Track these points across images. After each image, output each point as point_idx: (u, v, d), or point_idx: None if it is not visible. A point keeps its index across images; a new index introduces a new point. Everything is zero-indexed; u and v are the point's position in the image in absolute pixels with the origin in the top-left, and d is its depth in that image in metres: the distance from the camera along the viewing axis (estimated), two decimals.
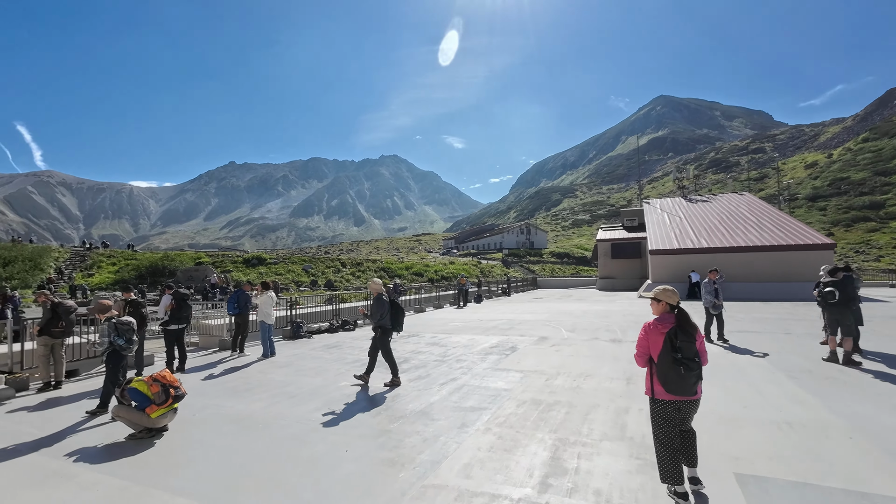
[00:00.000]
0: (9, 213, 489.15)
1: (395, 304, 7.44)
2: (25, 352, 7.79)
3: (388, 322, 7.28)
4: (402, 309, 7.57)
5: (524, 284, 39.97)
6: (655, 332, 3.58)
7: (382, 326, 7.24)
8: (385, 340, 7.25)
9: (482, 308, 21.50)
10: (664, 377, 3.44)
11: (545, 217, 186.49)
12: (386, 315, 7.24)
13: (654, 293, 3.74)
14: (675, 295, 3.66)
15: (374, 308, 7.22)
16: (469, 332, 13.02)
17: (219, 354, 10.32)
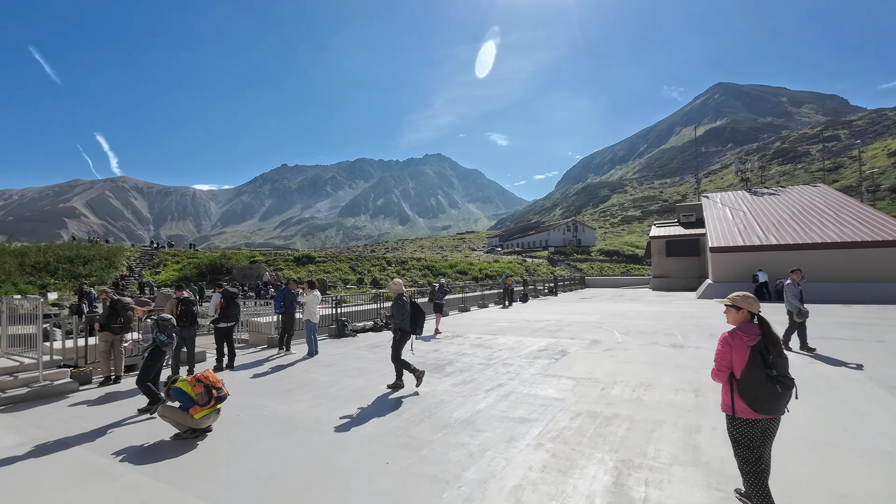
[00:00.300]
0: (91, 216, 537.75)
1: (416, 306, 7.14)
2: (89, 347, 8.18)
3: (408, 324, 6.99)
4: (422, 311, 7.26)
5: (571, 283, 38.66)
6: (740, 344, 3.11)
7: (402, 328, 6.96)
8: (402, 343, 6.99)
9: (528, 308, 20.84)
10: (753, 395, 3.01)
11: (593, 214, 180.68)
12: (406, 317, 6.95)
13: (733, 300, 3.30)
14: (757, 302, 3.26)
15: (394, 310, 6.94)
16: (515, 333, 12.52)
17: (267, 352, 10.47)
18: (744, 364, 3.05)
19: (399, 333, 6.97)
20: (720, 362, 3.20)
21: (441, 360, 9.00)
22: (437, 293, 13.88)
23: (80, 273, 41.02)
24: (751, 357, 3.03)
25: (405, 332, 6.98)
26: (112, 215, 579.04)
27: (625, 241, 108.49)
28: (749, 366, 3.03)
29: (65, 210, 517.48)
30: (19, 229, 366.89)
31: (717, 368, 3.21)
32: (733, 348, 3.13)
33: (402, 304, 6.92)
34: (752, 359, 3.02)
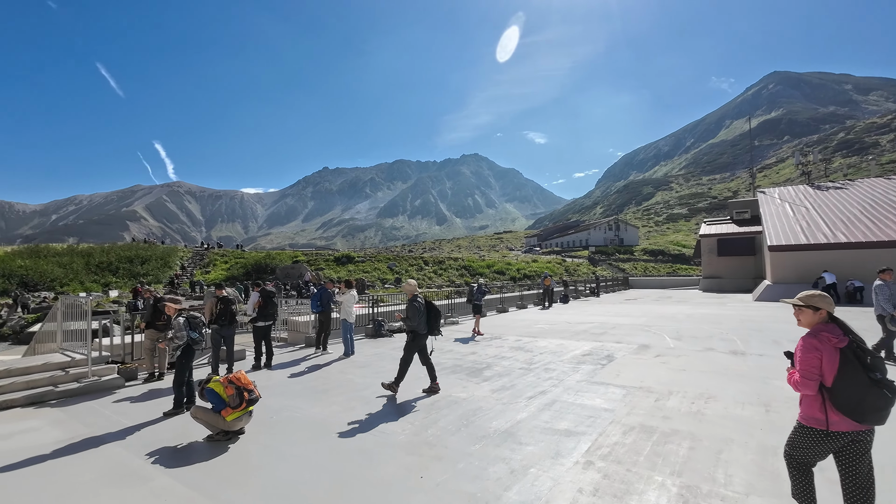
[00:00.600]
0: (150, 219, 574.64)
1: (432, 307, 6.82)
2: (135, 344, 8.42)
3: (424, 326, 6.68)
4: (438, 312, 6.93)
5: (614, 284, 37.21)
6: (829, 348, 2.71)
7: (415, 331, 6.67)
8: (414, 346, 6.69)
9: (569, 309, 20.08)
10: (854, 403, 2.63)
11: (635, 212, 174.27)
12: (422, 318, 6.65)
13: (809, 300, 2.90)
14: (832, 302, 2.90)
15: (409, 311, 6.66)
16: (557, 335, 11.96)
17: (304, 351, 10.48)
18: (835, 370, 2.67)
19: (412, 335, 6.71)
20: (807, 370, 2.74)
21: (479, 363, 8.64)
22: (476, 293, 13.32)
23: (139, 272, 43.60)
24: (843, 361, 2.66)
25: (419, 335, 6.70)
26: (168, 218, 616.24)
27: (670, 239, 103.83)
28: (844, 371, 2.65)
29: (127, 214, 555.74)
30: (88, 231, 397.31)
31: (804, 377, 2.76)
32: (822, 353, 2.69)
33: (418, 305, 6.65)
34: (846, 363, 2.65)
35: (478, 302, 13.23)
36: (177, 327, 5.79)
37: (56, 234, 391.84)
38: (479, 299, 13.26)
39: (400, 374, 6.64)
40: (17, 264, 36.26)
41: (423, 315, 6.65)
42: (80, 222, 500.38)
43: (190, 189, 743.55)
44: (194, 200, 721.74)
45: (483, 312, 13.10)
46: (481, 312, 13.13)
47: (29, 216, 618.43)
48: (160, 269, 45.66)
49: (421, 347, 6.77)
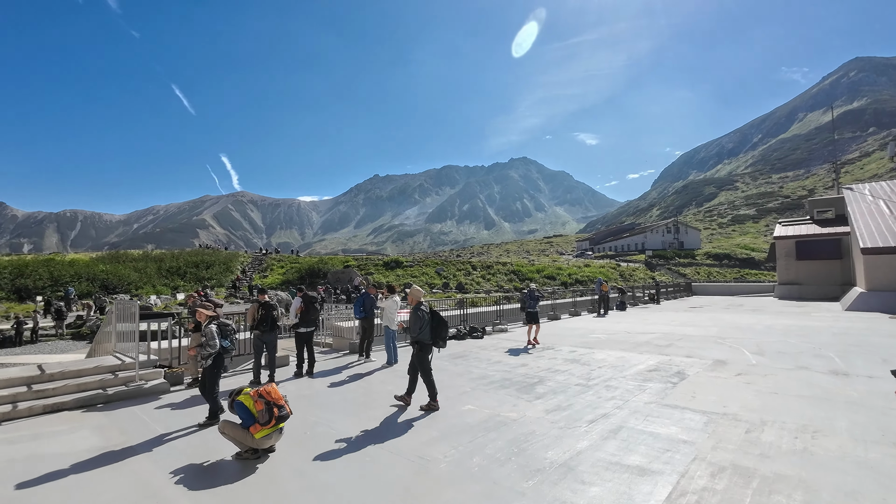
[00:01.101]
0: (216, 226, 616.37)
1: (437, 316, 6.30)
2: (183, 348, 8.47)
3: (428, 336, 6.14)
4: (444, 321, 6.38)
5: (676, 290, 34.71)
6: None
7: (420, 342, 6.13)
8: (423, 358, 6.17)
9: (627, 317, 18.69)
10: None
11: (696, 214, 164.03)
12: (425, 328, 6.14)
13: None
14: None
15: (412, 320, 6.17)
16: (616, 347, 10.93)
17: (347, 358, 10.20)
18: None
19: (418, 347, 6.19)
20: None
21: (530, 377, 7.90)
22: (528, 300, 12.11)
23: (204, 276, 46.27)
24: None
25: (425, 346, 6.18)
26: (233, 225, 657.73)
27: (736, 242, 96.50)
28: None
29: (197, 222, 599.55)
30: (163, 239, 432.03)
31: None
32: None
33: (421, 313, 6.17)
34: None
35: (531, 309, 12.01)
36: (208, 335, 5.57)
37: (137, 241, 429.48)
38: (533, 306, 12.02)
39: (430, 391, 6.16)
40: (99, 269, 39.54)
41: (427, 325, 6.18)
42: (157, 230, 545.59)
43: (252, 198, 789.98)
44: (256, 209, 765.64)
45: (538, 320, 11.88)
46: (537, 320, 11.95)
47: (114, 225, 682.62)
48: (223, 273, 48.25)
49: (421, 360, 6.29)
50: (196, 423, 5.64)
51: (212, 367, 5.62)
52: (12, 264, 37.35)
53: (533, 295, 12.18)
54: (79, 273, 37.43)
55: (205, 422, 5.57)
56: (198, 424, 5.57)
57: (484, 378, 7.85)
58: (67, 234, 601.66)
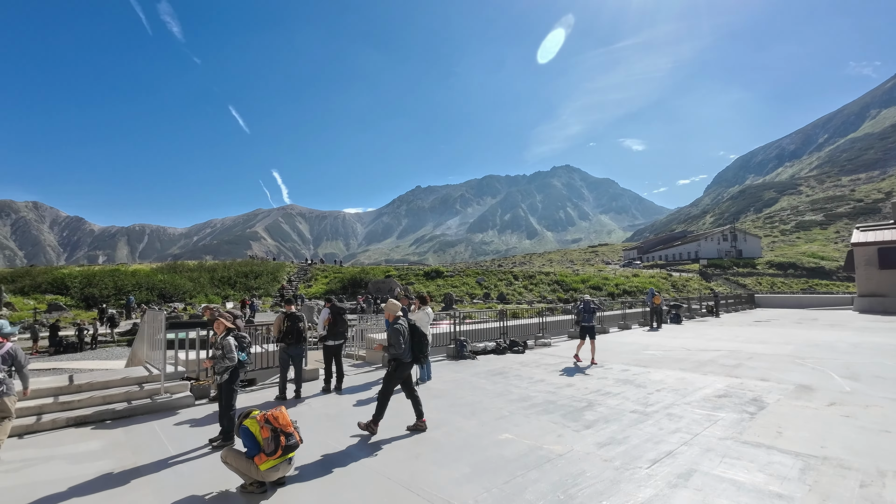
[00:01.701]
0: (268, 238, 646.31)
1: (417, 331, 5.75)
2: None
3: (408, 354, 5.62)
4: (425, 336, 5.77)
5: (736, 302, 32.02)
6: None
7: (398, 359, 5.61)
8: (396, 377, 5.67)
9: (683, 331, 17.13)
10: None
11: (755, 220, 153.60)
12: (406, 345, 5.55)
13: None
14: None
15: (391, 336, 5.57)
16: (675, 366, 9.76)
17: (379, 372, 9.68)
18: None
19: (394, 364, 5.61)
20: None
21: (577, 400, 7.02)
22: (584, 312, 10.53)
23: (252, 285, 47.96)
24: None
25: (402, 364, 5.60)
26: (283, 237, 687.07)
27: (802, 250, 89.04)
28: None
29: (250, 234, 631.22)
30: (220, 250, 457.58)
31: None
32: None
33: (399, 328, 5.57)
34: None
35: (587, 323, 10.46)
36: (226, 348, 5.18)
37: (197, 252, 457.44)
38: (590, 319, 10.48)
39: (378, 412, 5.59)
40: (158, 279, 41.81)
41: (407, 340, 5.62)
42: (214, 242, 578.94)
43: (301, 211, 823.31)
44: (304, 221, 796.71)
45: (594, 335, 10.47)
46: (593, 335, 10.51)
47: (177, 238, 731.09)
48: (269, 283, 49.83)
49: (405, 379, 5.76)
50: (204, 443, 5.26)
51: (229, 381, 5.24)
52: (82, 274, 40.19)
53: (589, 307, 10.64)
54: (139, 283, 39.70)
55: (219, 443, 5.17)
56: (211, 446, 5.17)
57: (525, 400, 7.06)
58: (136, 247, 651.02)
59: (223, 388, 5.22)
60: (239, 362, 5.23)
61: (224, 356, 5.15)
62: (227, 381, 5.21)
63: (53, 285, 37.30)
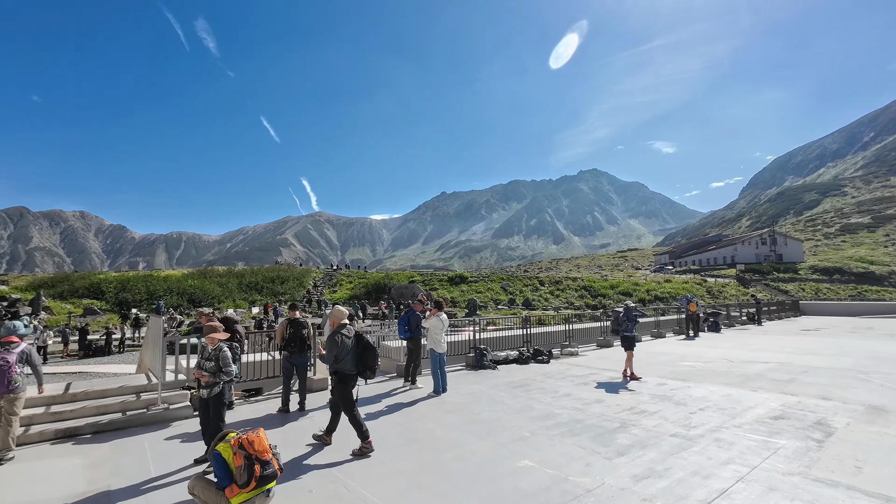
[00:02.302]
0: (297, 244, 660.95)
1: (363, 341, 5.23)
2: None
3: (350, 365, 5.08)
4: (372, 348, 5.25)
5: (780, 309, 30.01)
6: None
7: (340, 372, 5.06)
8: (344, 391, 5.09)
9: (723, 340, 15.86)
10: None
11: (795, 223, 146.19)
12: (346, 357, 5.06)
13: None
14: None
15: (329, 346, 5.01)
16: (718, 380, 8.77)
17: (392, 383, 9.09)
18: None
19: (336, 378, 5.01)
20: None
21: (608, 419, 6.23)
22: (625, 321, 9.48)
23: (279, 291, 48.53)
24: None
25: (346, 376, 5.09)
26: (311, 244, 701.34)
27: (848, 255, 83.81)
28: None
29: (280, 241, 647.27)
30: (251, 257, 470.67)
31: None
32: None
33: (339, 339, 4.99)
34: None
35: (628, 332, 9.41)
36: (223, 360, 4.70)
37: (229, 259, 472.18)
38: (631, 329, 9.41)
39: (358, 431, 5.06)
40: (188, 284, 42.75)
41: (350, 352, 5.04)
42: (246, 249, 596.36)
43: (329, 218, 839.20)
44: (332, 227, 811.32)
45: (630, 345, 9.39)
46: (632, 347, 9.40)
47: (211, 245, 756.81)
48: (295, 288, 50.30)
49: (342, 394, 5.13)
50: (189, 462, 4.78)
51: (220, 396, 4.75)
52: (117, 280, 41.52)
53: (631, 314, 9.48)
54: (171, 288, 40.65)
55: (205, 467, 4.68)
56: (195, 460, 4.69)
57: (549, 418, 6.31)
58: (174, 253, 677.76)
59: (213, 403, 4.73)
60: (232, 374, 4.75)
61: (220, 369, 4.67)
62: (218, 395, 4.72)
63: (90, 290, 38.60)
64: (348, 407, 5.11)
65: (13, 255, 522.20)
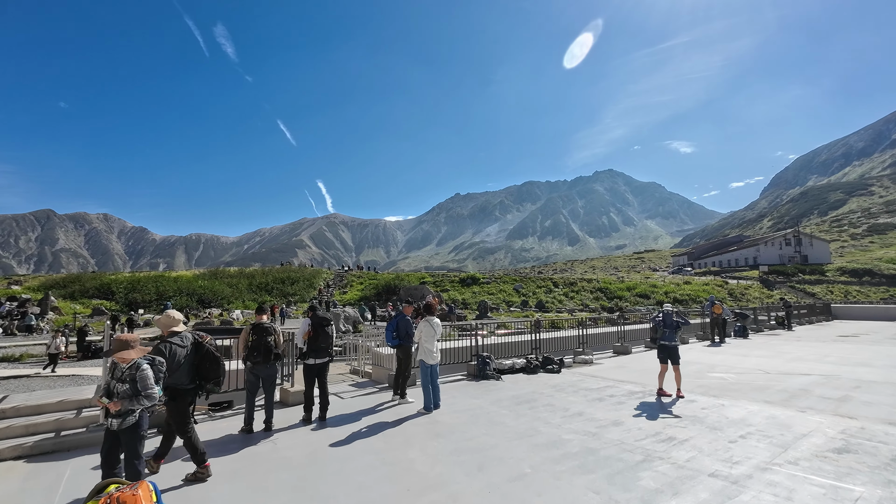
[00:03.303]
0: (312, 246, 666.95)
1: (202, 350, 4.50)
2: None
3: (185, 379, 4.41)
4: (213, 358, 4.53)
5: (810, 313, 28.21)
6: None
7: (173, 387, 4.38)
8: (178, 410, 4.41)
9: (754, 347, 14.47)
10: None
11: (819, 224, 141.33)
12: (179, 369, 4.35)
13: None
14: None
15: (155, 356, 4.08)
16: (755, 396, 7.55)
17: (381, 395, 8.10)
18: None
19: (167, 394, 4.41)
20: None
21: (628, 447, 5.11)
22: (663, 327, 8.01)
23: (288, 291, 48.10)
24: None
25: (179, 392, 4.40)
26: (326, 245, 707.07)
27: (877, 256, 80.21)
28: None
29: (295, 242, 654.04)
30: (268, 258, 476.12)
31: None
32: None
33: (168, 347, 4.19)
34: None
35: (669, 342, 7.85)
36: (142, 381, 3.73)
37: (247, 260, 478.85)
38: (672, 337, 7.87)
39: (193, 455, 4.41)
40: (198, 284, 42.54)
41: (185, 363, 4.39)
42: (263, 250, 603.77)
43: (343, 220, 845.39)
44: (347, 229, 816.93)
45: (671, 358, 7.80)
46: (677, 359, 7.80)
47: (229, 246, 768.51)
48: (305, 289, 49.85)
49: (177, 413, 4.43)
50: None
51: (135, 428, 3.78)
52: (127, 280, 41.52)
53: (671, 320, 7.96)
54: (181, 288, 40.45)
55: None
56: None
57: (556, 446, 5.22)
58: (193, 255, 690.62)
59: (125, 437, 3.76)
60: (156, 398, 3.82)
61: (138, 394, 3.72)
62: (133, 426, 3.77)
63: (100, 290, 38.61)
64: (181, 427, 4.36)
65: (40, 257, 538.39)
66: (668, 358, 7.83)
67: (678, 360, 7.82)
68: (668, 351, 7.85)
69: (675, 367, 7.78)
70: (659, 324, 8.09)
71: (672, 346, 7.83)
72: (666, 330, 7.99)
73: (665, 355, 7.89)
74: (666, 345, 7.90)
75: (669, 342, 7.86)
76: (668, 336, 7.91)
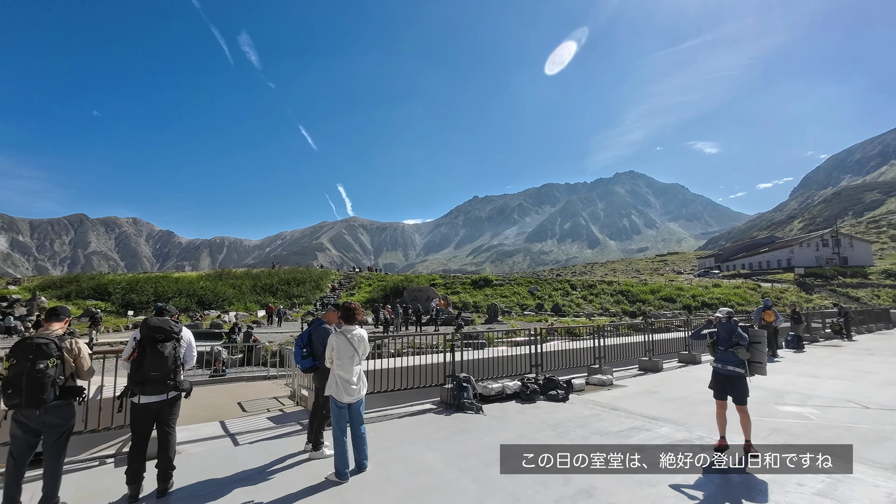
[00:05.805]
0: (332, 249, 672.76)
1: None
2: None
3: None
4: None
5: (866, 319, 24.60)
6: None
7: None
8: None
9: (819, 364, 11.42)
10: None
11: (854, 225, 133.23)
12: None
13: None
14: None
15: None
16: (867, 451, 4.74)
17: (291, 441, 5.56)
18: None
19: None
20: None
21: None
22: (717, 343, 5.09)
23: (294, 293, 46.21)
24: None
25: None
26: (346, 248, 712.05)
27: None
28: None
29: (316, 245, 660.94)
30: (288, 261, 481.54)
31: None
32: None
33: None
34: None
35: (726, 367, 4.96)
36: None
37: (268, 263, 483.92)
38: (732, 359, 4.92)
39: None
40: (199, 286, 40.98)
41: None
42: (284, 254, 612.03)
43: (363, 223, 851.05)
44: (366, 232, 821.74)
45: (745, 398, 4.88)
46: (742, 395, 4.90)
47: (251, 249, 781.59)
48: (311, 290, 47.93)
49: None
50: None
51: None
52: (125, 281, 40.24)
53: (731, 328, 4.98)
54: (181, 289, 38.90)
55: None
56: None
57: None
58: (217, 257, 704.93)
59: None
60: None
61: None
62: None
63: (97, 291, 37.33)
64: None
65: (73, 260, 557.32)
66: (731, 394, 4.94)
67: (745, 399, 4.87)
68: (731, 383, 4.94)
69: (738, 407, 4.88)
70: (713, 337, 5.13)
71: (736, 376, 4.91)
72: (719, 348, 5.03)
73: (722, 388, 5.01)
74: (722, 373, 4.99)
75: (733, 368, 4.92)
76: (726, 357, 4.97)
